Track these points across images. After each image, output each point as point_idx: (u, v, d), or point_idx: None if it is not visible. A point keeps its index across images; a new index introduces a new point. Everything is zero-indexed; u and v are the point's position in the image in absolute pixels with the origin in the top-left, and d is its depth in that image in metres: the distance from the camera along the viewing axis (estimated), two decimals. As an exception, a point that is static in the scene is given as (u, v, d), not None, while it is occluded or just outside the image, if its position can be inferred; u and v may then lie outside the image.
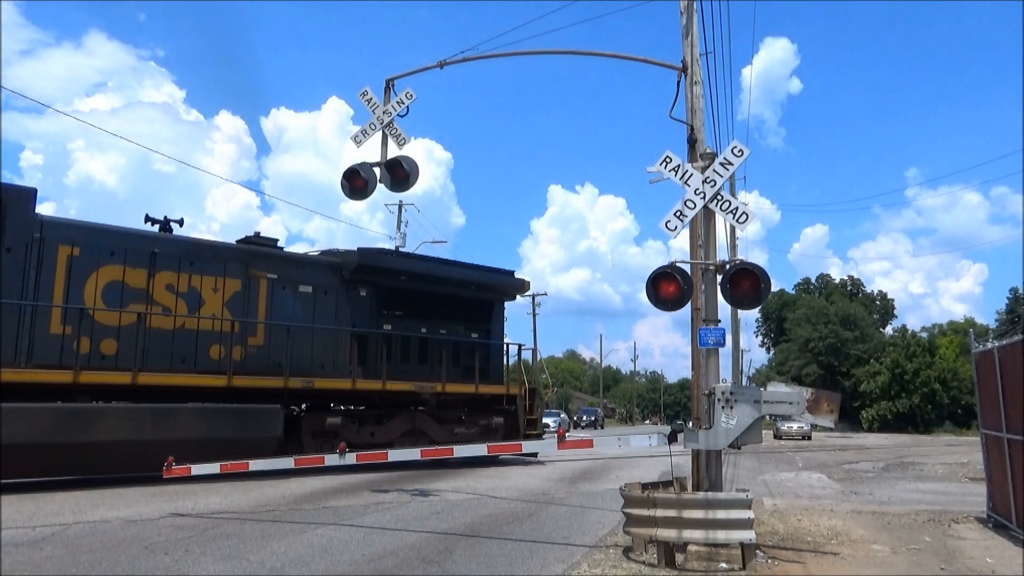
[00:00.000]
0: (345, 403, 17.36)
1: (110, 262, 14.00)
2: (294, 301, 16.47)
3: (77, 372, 12.92)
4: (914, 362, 65.62)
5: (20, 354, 12.71)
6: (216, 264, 15.45)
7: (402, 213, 34.33)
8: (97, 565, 7.05)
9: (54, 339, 13.14)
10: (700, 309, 8.65)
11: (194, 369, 14.70)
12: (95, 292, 13.75)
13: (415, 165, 10.68)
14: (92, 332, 13.55)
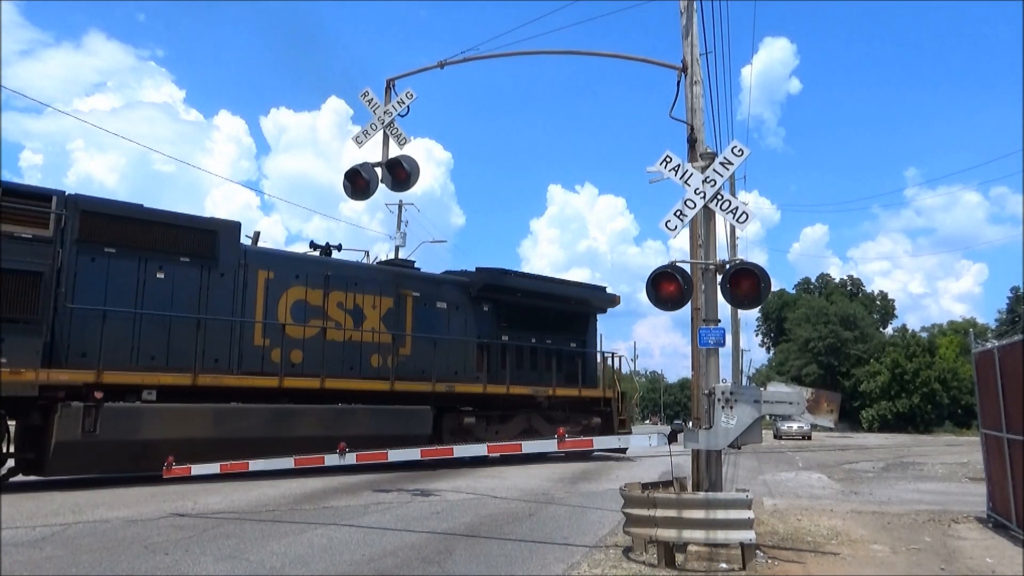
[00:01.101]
0: (474, 405, 19.31)
1: (296, 284, 16.47)
2: (434, 315, 19.00)
3: (281, 378, 15.45)
4: (914, 362, 65.59)
5: (232, 362, 15.08)
6: (374, 284, 17.96)
7: (402, 213, 34.32)
8: (97, 565, 7.05)
9: (257, 350, 15.52)
10: (700, 309, 8.65)
11: (359, 375, 17.01)
12: (286, 309, 16.20)
13: (416, 165, 10.69)
14: (284, 344, 15.85)
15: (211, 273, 15.02)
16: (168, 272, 14.45)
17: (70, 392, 12.84)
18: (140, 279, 14.11)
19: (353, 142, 10.94)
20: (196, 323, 14.65)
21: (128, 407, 13.40)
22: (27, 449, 13.07)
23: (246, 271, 15.62)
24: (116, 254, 13.85)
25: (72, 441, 12.64)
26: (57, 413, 12.58)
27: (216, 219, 15.81)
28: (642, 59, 10.61)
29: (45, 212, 12.88)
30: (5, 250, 12.28)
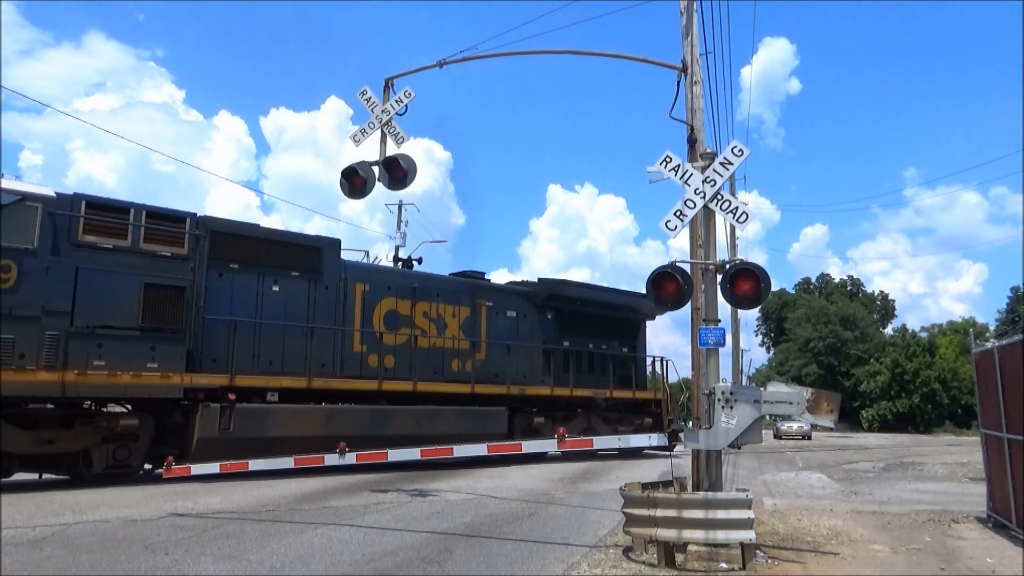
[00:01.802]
0: (540, 406, 20.74)
1: (388, 295, 18.06)
2: (504, 323, 20.55)
3: (380, 382, 17.06)
4: (914, 362, 65.54)
5: (336, 367, 16.57)
6: (453, 295, 19.53)
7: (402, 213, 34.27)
8: (97, 565, 7.05)
9: (356, 355, 17.08)
10: (700, 309, 8.64)
11: (442, 378, 18.53)
12: (380, 319, 17.78)
13: (413, 163, 10.66)
14: (379, 350, 17.51)
15: (317, 286, 16.65)
16: (282, 285, 16.09)
17: (208, 394, 14.42)
18: (259, 292, 15.73)
19: (351, 141, 10.93)
20: (307, 332, 16.23)
21: (256, 407, 15.01)
22: (169, 444, 14.31)
23: (346, 284, 17.26)
24: (239, 269, 15.44)
25: (211, 437, 14.20)
26: (198, 413, 14.15)
27: (321, 237, 17.48)
28: (642, 59, 10.60)
29: (181, 232, 14.34)
30: (152, 267, 13.85)
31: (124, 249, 13.64)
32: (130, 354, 13.41)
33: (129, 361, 13.36)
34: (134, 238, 13.77)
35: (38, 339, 12.50)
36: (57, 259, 12.89)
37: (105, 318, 13.18)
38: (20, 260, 12.47)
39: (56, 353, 12.63)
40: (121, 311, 13.38)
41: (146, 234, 13.85)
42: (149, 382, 13.52)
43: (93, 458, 13.36)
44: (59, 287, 12.81)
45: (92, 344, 13.01)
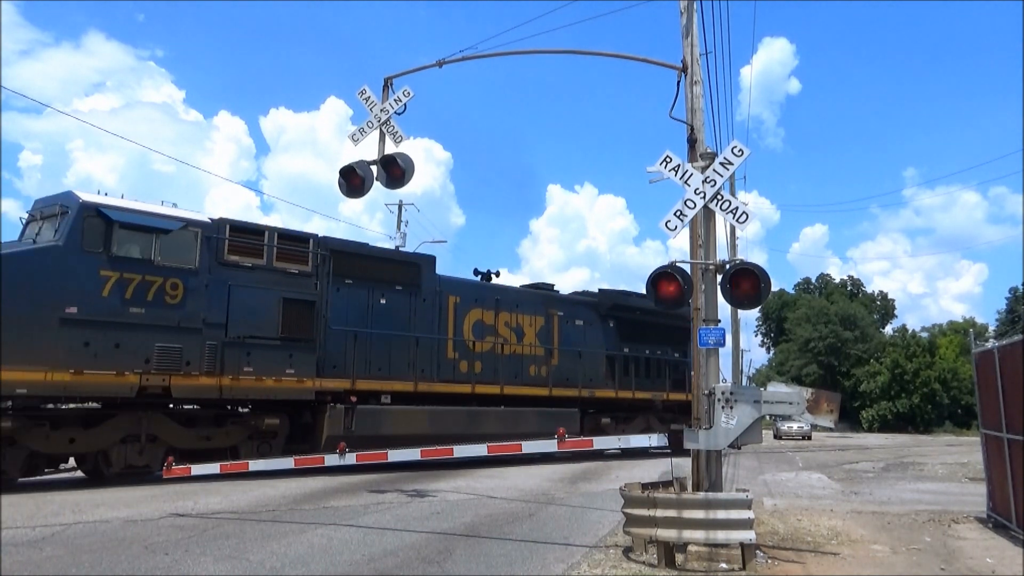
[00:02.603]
0: (604, 408, 22.27)
1: (475, 307, 19.76)
2: (574, 331, 22.12)
3: (473, 385, 18.96)
4: (914, 362, 65.53)
5: (433, 372, 18.33)
6: (529, 306, 21.26)
7: (402, 213, 34.27)
8: (97, 565, 7.05)
9: (449, 362, 18.83)
10: (700, 309, 8.64)
11: (521, 382, 20.25)
12: (469, 328, 19.45)
13: (411, 162, 10.64)
14: (469, 357, 19.22)
15: (416, 299, 18.37)
16: (388, 298, 17.82)
17: (334, 396, 16.14)
18: (369, 304, 17.42)
19: (350, 140, 10.91)
20: (412, 340, 18.04)
21: (373, 408, 16.77)
22: (300, 441, 15.99)
23: (440, 297, 18.95)
24: (352, 284, 17.09)
25: (337, 435, 15.55)
26: (327, 413, 15.89)
27: (419, 254, 19.69)
28: (642, 59, 10.60)
29: (306, 252, 16.18)
30: (286, 284, 15.65)
31: (262, 267, 15.49)
32: (272, 361, 15.27)
33: (271, 367, 15.24)
34: (268, 257, 15.58)
35: (200, 348, 14.28)
36: (212, 277, 14.64)
37: (252, 329, 15.02)
38: (185, 279, 14.26)
39: (215, 361, 14.43)
40: (265, 323, 15.22)
41: (278, 253, 15.69)
42: (288, 386, 15.47)
43: (240, 453, 14.99)
44: (215, 302, 14.60)
45: (242, 352, 14.84)
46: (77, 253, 13.14)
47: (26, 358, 12.40)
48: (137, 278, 13.66)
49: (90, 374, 13.00)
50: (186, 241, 14.40)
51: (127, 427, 13.83)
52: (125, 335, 13.43)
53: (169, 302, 14.01)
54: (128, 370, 13.39)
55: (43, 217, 13.86)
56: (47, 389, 12.71)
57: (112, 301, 13.37)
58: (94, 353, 13.09)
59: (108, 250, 13.42)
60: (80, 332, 12.96)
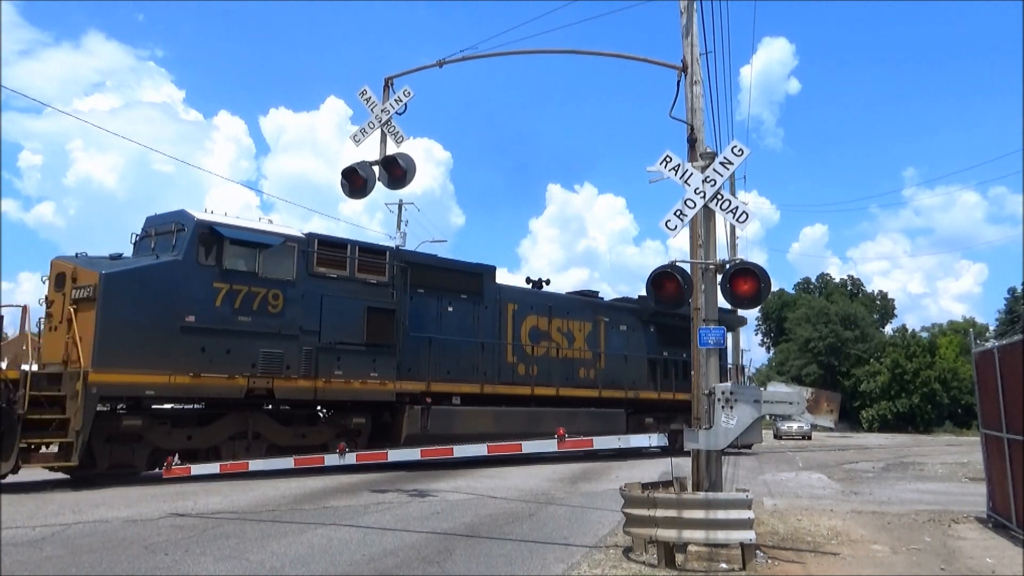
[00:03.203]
0: (648, 408, 23.34)
1: (531, 313, 21.13)
2: (619, 336, 23.51)
3: (532, 387, 20.39)
4: (914, 362, 65.49)
5: (494, 374, 19.70)
6: (579, 312, 22.55)
7: (402, 212, 34.28)
8: (97, 565, 7.05)
9: (509, 365, 20.21)
10: (700, 309, 8.64)
11: (572, 384, 21.47)
12: (526, 333, 20.81)
13: (412, 162, 10.66)
14: (526, 360, 20.58)
15: (479, 306, 19.70)
16: (454, 306, 19.14)
17: (411, 398, 17.52)
18: (438, 312, 18.76)
19: (351, 141, 10.92)
20: (477, 345, 19.39)
21: (445, 409, 18.15)
22: (381, 439, 17.31)
23: (500, 304, 20.30)
24: (424, 293, 18.45)
25: (414, 434, 17.05)
26: (405, 413, 17.29)
27: (481, 264, 20.56)
28: (642, 59, 10.60)
29: (383, 263, 17.49)
30: (368, 293, 16.98)
31: (346, 278, 16.71)
32: (358, 365, 16.57)
33: (358, 371, 16.54)
34: (351, 269, 16.85)
35: (298, 354, 15.58)
36: (306, 288, 15.88)
37: (341, 336, 16.30)
38: (284, 290, 15.55)
39: (310, 365, 15.75)
40: (352, 330, 16.51)
41: (359, 265, 16.97)
42: (372, 388, 16.83)
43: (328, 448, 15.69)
44: (309, 311, 15.85)
45: (333, 357, 16.14)
46: (194, 267, 14.39)
47: (153, 363, 13.60)
48: (244, 289, 14.96)
49: (206, 377, 14.32)
50: (285, 255, 15.75)
51: (236, 425, 15.16)
52: (235, 341, 14.73)
53: (271, 311, 15.33)
54: (238, 374, 14.72)
55: (157, 233, 15.08)
56: (170, 391, 14.04)
57: (223, 310, 14.65)
58: (209, 358, 14.36)
59: (220, 264, 14.70)
60: (197, 339, 14.24)
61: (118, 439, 13.71)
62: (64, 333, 13.42)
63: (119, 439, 13.72)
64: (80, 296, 13.47)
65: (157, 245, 14.89)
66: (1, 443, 12.21)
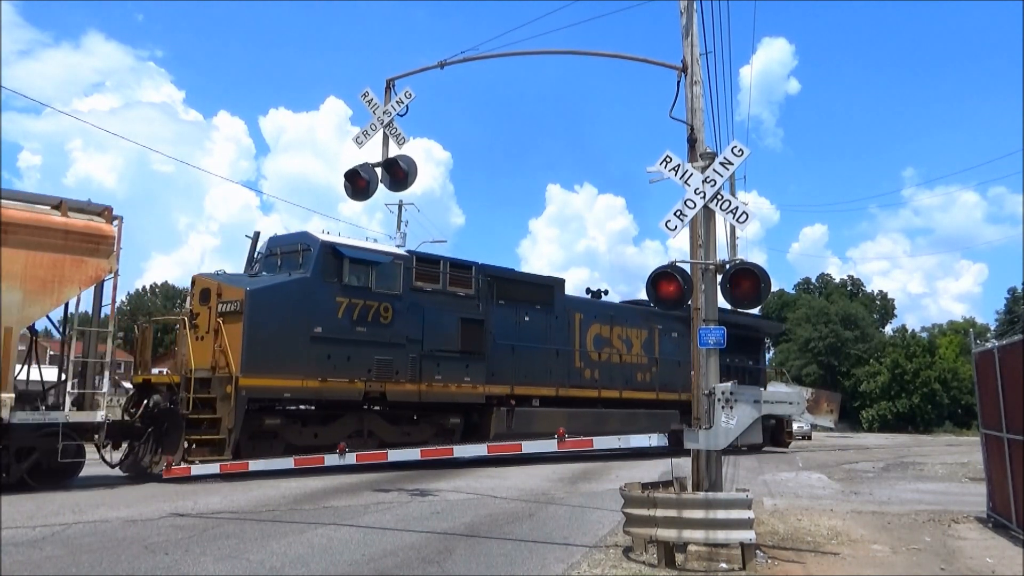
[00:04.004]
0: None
1: (595, 322, 22.78)
2: (671, 342, 25.06)
3: (599, 391, 22.16)
4: (914, 362, 65.46)
5: (564, 379, 21.38)
6: (635, 320, 24.19)
7: (402, 213, 34.25)
8: (97, 565, 7.05)
9: (577, 370, 21.83)
10: (700, 309, 8.64)
11: (631, 387, 23.29)
12: (590, 340, 22.43)
13: (413, 164, 10.67)
14: (591, 365, 22.25)
15: (550, 316, 21.35)
16: (530, 316, 20.85)
17: (498, 400, 19.35)
18: (516, 322, 20.42)
19: (354, 143, 10.93)
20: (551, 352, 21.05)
21: (527, 410, 19.97)
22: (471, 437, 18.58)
23: (568, 314, 21.90)
24: (504, 305, 20.12)
25: (501, 432, 18.74)
26: (493, 414, 19.21)
27: (552, 277, 22.65)
28: (642, 59, 10.60)
29: (469, 277, 19.28)
30: (459, 306, 18.83)
31: (439, 292, 18.47)
32: (454, 371, 18.44)
33: (454, 376, 18.41)
34: (443, 283, 18.62)
35: (405, 360, 17.37)
36: (410, 301, 17.72)
37: (440, 344, 18.18)
38: (393, 303, 17.37)
39: (415, 371, 17.55)
40: (448, 339, 18.37)
41: (450, 279, 18.74)
42: (465, 391, 18.73)
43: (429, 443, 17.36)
44: (413, 322, 17.71)
45: (433, 364, 17.98)
46: (320, 283, 16.19)
47: (289, 368, 15.41)
48: (360, 303, 16.73)
49: (332, 381, 16.12)
50: (393, 271, 17.65)
51: (353, 424, 16.86)
52: (353, 350, 16.50)
53: (382, 322, 17.15)
54: (356, 378, 16.52)
55: (283, 253, 16.97)
56: (303, 393, 15.81)
57: (344, 322, 16.42)
58: (333, 365, 16.12)
59: (341, 280, 16.52)
60: (324, 347, 15.99)
61: (260, 436, 15.37)
62: (211, 342, 15.20)
63: (260, 436, 15.39)
64: (226, 310, 15.29)
65: (283, 263, 16.84)
66: (167, 439, 14.10)
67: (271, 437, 15.54)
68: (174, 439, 14.04)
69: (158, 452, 14.17)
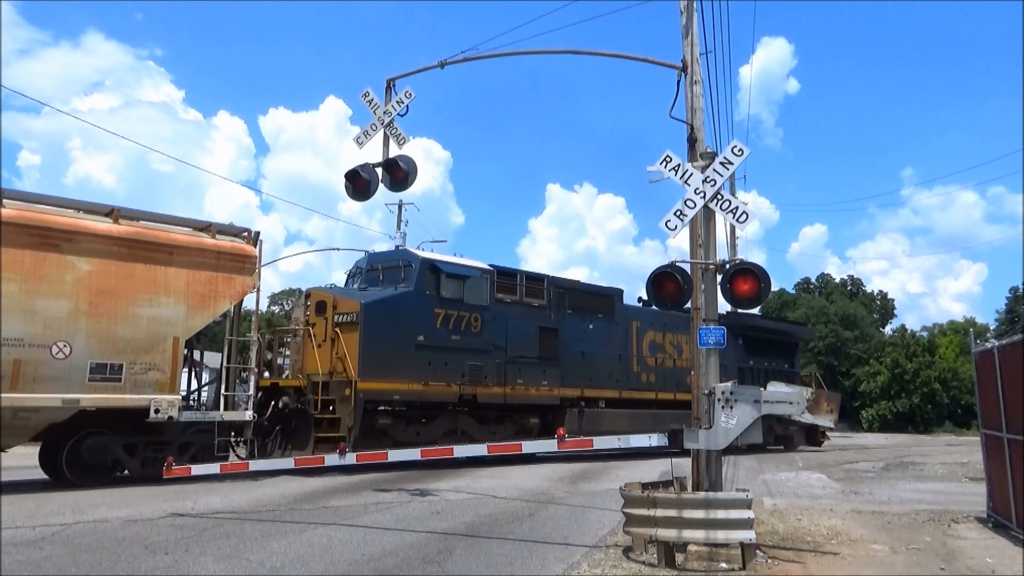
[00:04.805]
0: None
1: (650, 329, 24.44)
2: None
3: (656, 393, 23.77)
4: (914, 362, 65.40)
5: (624, 382, 23.00)
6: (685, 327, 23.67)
7: (402, 213, 34.27)
8: (97, 565, 7.06)
9: (635, 374, 23.58)
10: (700, 309, 8.64)
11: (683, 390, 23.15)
12: (646, 347, 24.20)
13: (413, 164, 10.67)
14: (647, 370, 24.01)
15: (611, 324, 22.92)
16: (594, 325, 22.40)
17: (570, 402, 20.98)
18: (583, 329, 22.02)
19: (354, 143, 10.93)
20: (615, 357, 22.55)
21: (594, 411, 21.59)
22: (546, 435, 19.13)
23: (627, 322, 23.47)
24: (572, 314, 21.68)
25: (573, 430, 19.72)
26: (566, 414, 20.67)
27: (613, 288, 24.19)
28: (642, 59, 10.59)
29: (541, 288, 21.07)
30: (535, 315, 20.59)
31: (517, 303, 20.26)
32: (533, 375, 20.22)
33: (533, 380, 20.18)
34: (520, 294, 20.40)
35: (492, 366, 19.19)
36: (495, 312, 19.51)
37: (521, 351, 19.96)
38: (482, 313, 19.20)
39: (501, 375, 19.36)
40: (528, 346, 20.16)
41: (526, 291, 20.50)
42: (543, 393, 20.48)
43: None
44: (499, 330, 19.50)
45: (516, 369, 19.78)
46: (421, 296, 18.03)
47: (397, 373, 17.16)
48: (455, 314, 18.52)
49: (432, 385, 17.88)
50: (481, 284, 19.42)
51: (448, 424, 18.50)
52: (450, 356, 18.26)
53: (473, 331, 18.91)
54: (452, 382, 18.29)
55: (384, 268, 18.90)
56: (408, 395, 17.54)
57: (441, 331, 18.21)
58: (433, 370, 17.88)
59: (438, 293, 18.33)
60: (425, 354, 17.78)
61: (371, 434, 16.76)
62: (328, 349, 16.92)
63: (372, 434, 16.78)
64: (343, 320, 17.04)
65: (384, 278, 18.63)
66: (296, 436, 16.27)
67: (381, 434, 16.99)
68: (304, 436, 16.11)
69: (287, 447, 16.25)
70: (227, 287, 14.74)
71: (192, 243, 14.42)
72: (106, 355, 13.07)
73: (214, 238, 14.75)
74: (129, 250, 13.52)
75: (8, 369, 12.02)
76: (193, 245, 14.39)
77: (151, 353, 13.56)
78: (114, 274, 13.30)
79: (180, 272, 14.02)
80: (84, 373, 12.78)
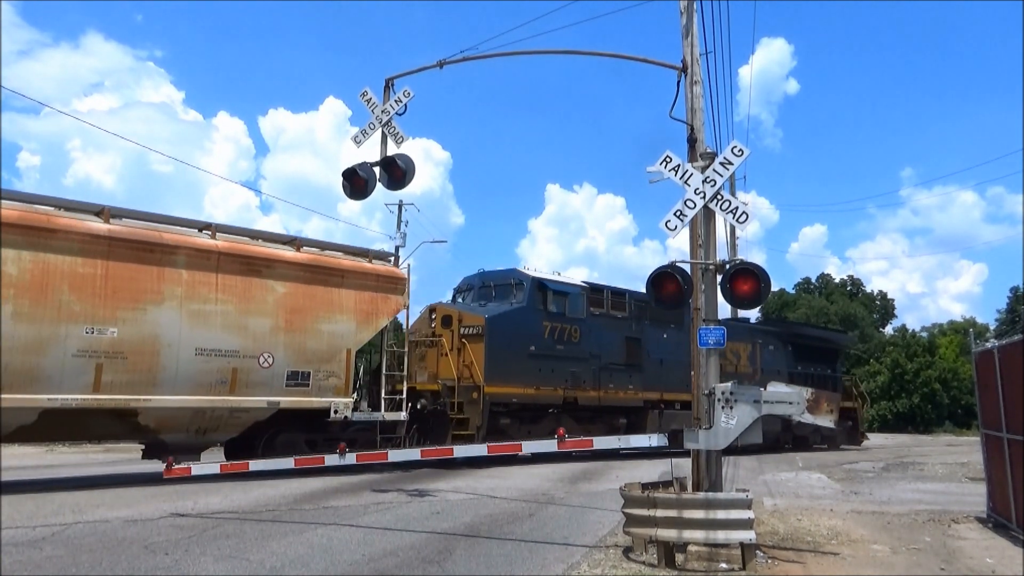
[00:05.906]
0: None
1: None
2: (768, 355, 28.64)
3: None
4: (914, 362, 65.38)
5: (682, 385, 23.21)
6: (741, 336, 27.06)
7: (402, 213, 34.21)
8: (97, 565, 7.06)
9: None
10: (700, 309, 8.65)
11: None
12: None
13: (411, 163, 10.65)
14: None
15: (681, 333, 23.52)
16: (667, 334, 24.15)
17: (651, 404, 23.07)
18: (658, 338, 23.94)
19: (352, 142, 10.92)
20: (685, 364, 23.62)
21: (674, 412, 23.17)
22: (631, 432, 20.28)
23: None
24: (649, 324, 23.73)
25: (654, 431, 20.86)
26: (648, 415, 22.78)
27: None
28: (642, 59, 10.59)
29: (624, 302, 23.16)
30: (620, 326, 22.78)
31: (605, 315, 22.33)
32: (621, 380, 22.35)
33: (621, 384, 22.33)
34: (607, 307, 22.44)
35: (589, 372, 21.39)
36: (590, 324, 21.73)
37: (611, 358, 22.18)
38: (580, 325, 21.47)
39: (596, 380, 21.52)
40: (617, 354, 22.35)
41: (611, 304, 22.62)
42: (629, 397, 22.62)
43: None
44: (593, 340, 21.71)
45: (607, 374, 21.95)
46: (533, 310, 20.47)
47: (515, 379, 19.60)
48: (559, 326, 20.85)
49: (543, 389, 20.28)
50: (579, 299, 21.72)
51: (553, 424, 19.01)
52: (556, 364, 20.59)
53: (573, 341, 21.13)
54: (558, 387, 20.65)
55: (495, 285, 21.31)
56: (524, 399, 19.94)
57: (549, 342, 20.57)
58: (543, 376, 20.25)
59: (545, 308, 20.71)
60: (537, 362, 20.19)
61: (492, 432, 18.51)
62: (455, 358, 19.23)
63: (492, 432, 18.52)
64: (469, 333, 19.47)
65: (496, 294, 21.04)
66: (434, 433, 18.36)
67: (500, 433, 18.58)
68: (441, 434, 18.29)
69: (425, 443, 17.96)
70: (384, 305, 17.19)
71: (358, 268, 16.89)
72: (298, 364, 15.39)
73: (371, 263, 17.28)
74: (312, 274, 15.84)
75: (228, 376, 14.40)
76: (359, 270, 16.86)
77: (330, 362, 15.90)
78: (302, 295, 15.60)
79: (350, 293, 16.41)
80: (282, 380, 15.10)
